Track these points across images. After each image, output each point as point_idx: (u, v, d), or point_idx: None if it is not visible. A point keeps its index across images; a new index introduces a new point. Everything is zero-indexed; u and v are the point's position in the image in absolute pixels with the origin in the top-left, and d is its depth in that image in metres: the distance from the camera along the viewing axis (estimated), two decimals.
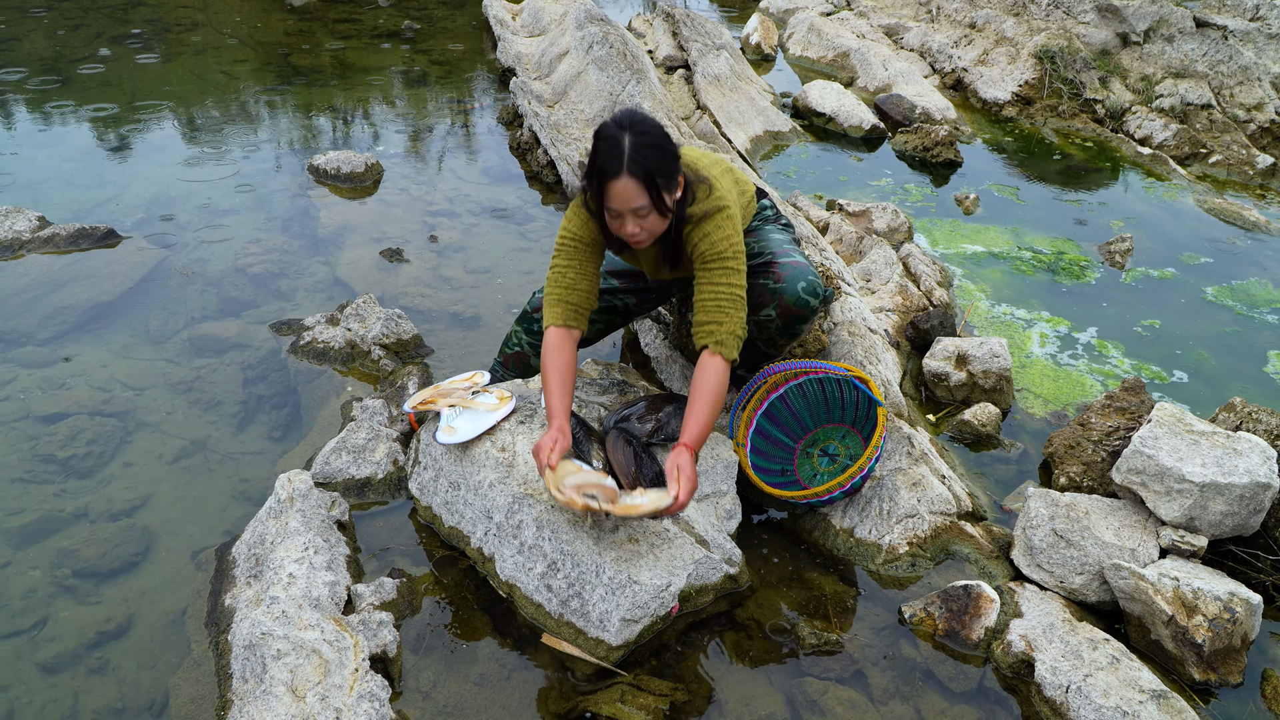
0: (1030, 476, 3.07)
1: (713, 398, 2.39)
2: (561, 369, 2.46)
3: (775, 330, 2.71)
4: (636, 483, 2.43)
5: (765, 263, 2.70)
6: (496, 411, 2.62)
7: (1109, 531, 2.55)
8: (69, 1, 8.00)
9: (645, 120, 2.31)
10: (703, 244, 2.44)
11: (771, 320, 2.68)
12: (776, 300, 2.65)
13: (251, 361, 3.41)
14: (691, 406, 2.39)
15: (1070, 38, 6.86)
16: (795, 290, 2.64)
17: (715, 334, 2.41)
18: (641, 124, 2.29)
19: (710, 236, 2.43)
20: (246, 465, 2.92)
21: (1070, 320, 3.97)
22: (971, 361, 3.39)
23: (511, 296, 3.92)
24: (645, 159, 2.26)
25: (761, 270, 2.69)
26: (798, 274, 2.65)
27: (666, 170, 2.31)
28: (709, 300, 2.43)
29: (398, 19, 8.01)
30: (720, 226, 2.44)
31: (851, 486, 2.64)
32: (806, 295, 2.65)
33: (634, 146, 2.25)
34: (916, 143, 5.77)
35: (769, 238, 2.79)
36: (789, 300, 2.65)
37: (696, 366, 2.44)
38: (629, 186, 2.28)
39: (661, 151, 2.29)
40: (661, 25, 6.91)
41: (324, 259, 4.15)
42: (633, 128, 2.28)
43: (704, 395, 2.39)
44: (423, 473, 2.70)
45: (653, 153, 2.28)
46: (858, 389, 2.79)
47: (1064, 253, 4.57)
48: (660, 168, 2.29)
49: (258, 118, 5.85)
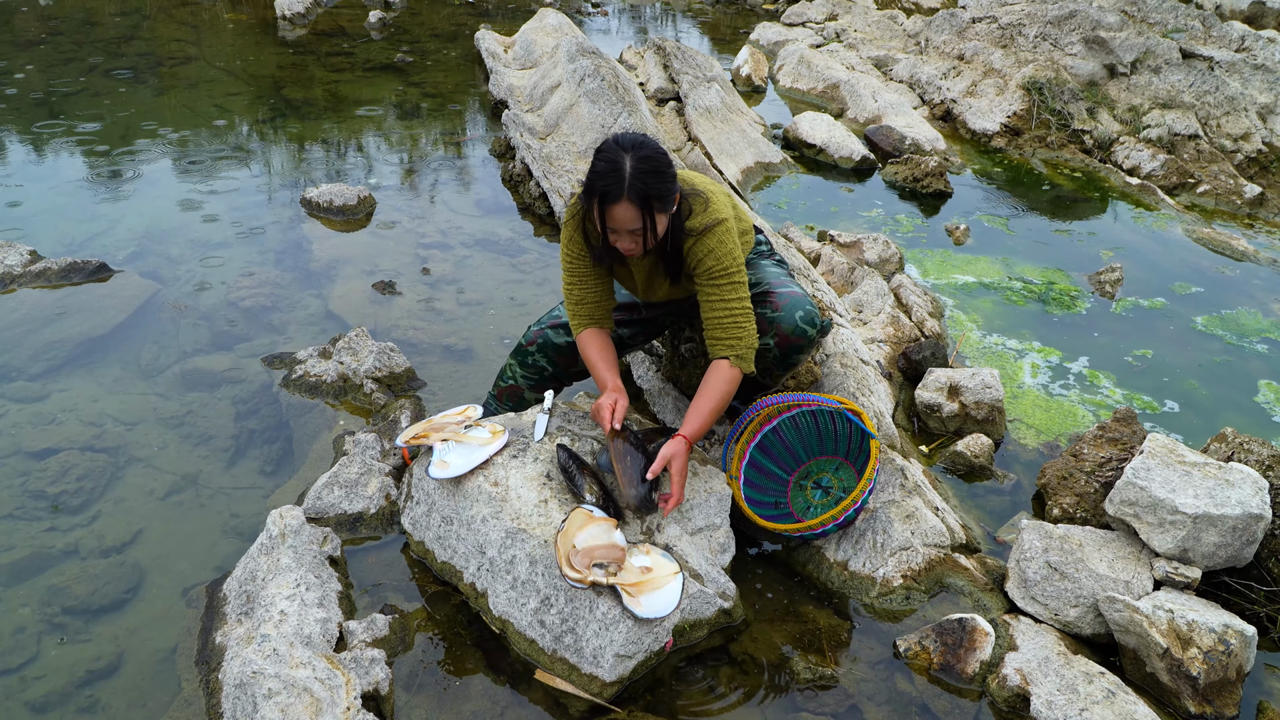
0: (1023, 508, 3.08)
1: (720, 397, 2.49)
2: (600, 346, 2.64)
3: (773, 360, 2.73)
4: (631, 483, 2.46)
5: (763, 292, 2.73)
6: (489, 445, 2.63)
7: (1103, 563, 2.56)
8: (62, 35, 8.06)
9: (646, 144, 2.36)
10: (708, 259, 2.49)
11: (769, 350, 2.70)
12: (774, 329, 2.67)
13: (243, 395, 3.41)
14: (696, 401, 2.49)
15: (1058, 69, 6.96)
16: (793, 319, 2.67)
17: (736, 348, 2.51)
18: (642, 147, 2.34)
19: (715, 252, 2.48)
20: (238, 501, 2.91)
21: (1061, 350, 4.00)
22: (964, 392, 3.42)
23: (504, 329, 3.94)
24: (645, 184, 2.32)
25: (759, 299, 2.72)
26: (795, 303, 2.68)
27: (664, 193, 2.36)
28: (723, 316, 2.51)
29: (390, 52, 8.09)
30: (722, 241, 2.49)
31: (845, 519, 2.65)
32: (804, 324, 2.68)
33: (634, 172, 2.31)
34: (907, 173, 5.82)
35: (766, 270, 2.83)
36: (787, 329, 2.67)
37: (710, 369, 2.53)
38: (628, 211, 2.34)
39: (661, 176, 2.35)
40: (653, 58, 6.99)
41: (316, 292, 4.17)
42: (635, 150, 2.33)
43: (711, 394, 2.49)
44: (415, 508, 2.70)
45: (653, 178, 2.33)
46: (850, 421, 2.81)
47: (1054, 283, 4.61)
48: (659, 192, 2.35)
49: (250, 151, 5.89)
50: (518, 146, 5.56)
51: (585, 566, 2.28)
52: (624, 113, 5.46)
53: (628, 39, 9.65)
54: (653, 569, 2.35)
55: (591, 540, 2.33)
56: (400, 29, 8.91)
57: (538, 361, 2.95)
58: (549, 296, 4.21)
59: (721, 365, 2.52)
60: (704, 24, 10.55)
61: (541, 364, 2.95)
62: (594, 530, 2.34)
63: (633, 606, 2.25)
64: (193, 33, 8.50)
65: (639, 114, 5.53)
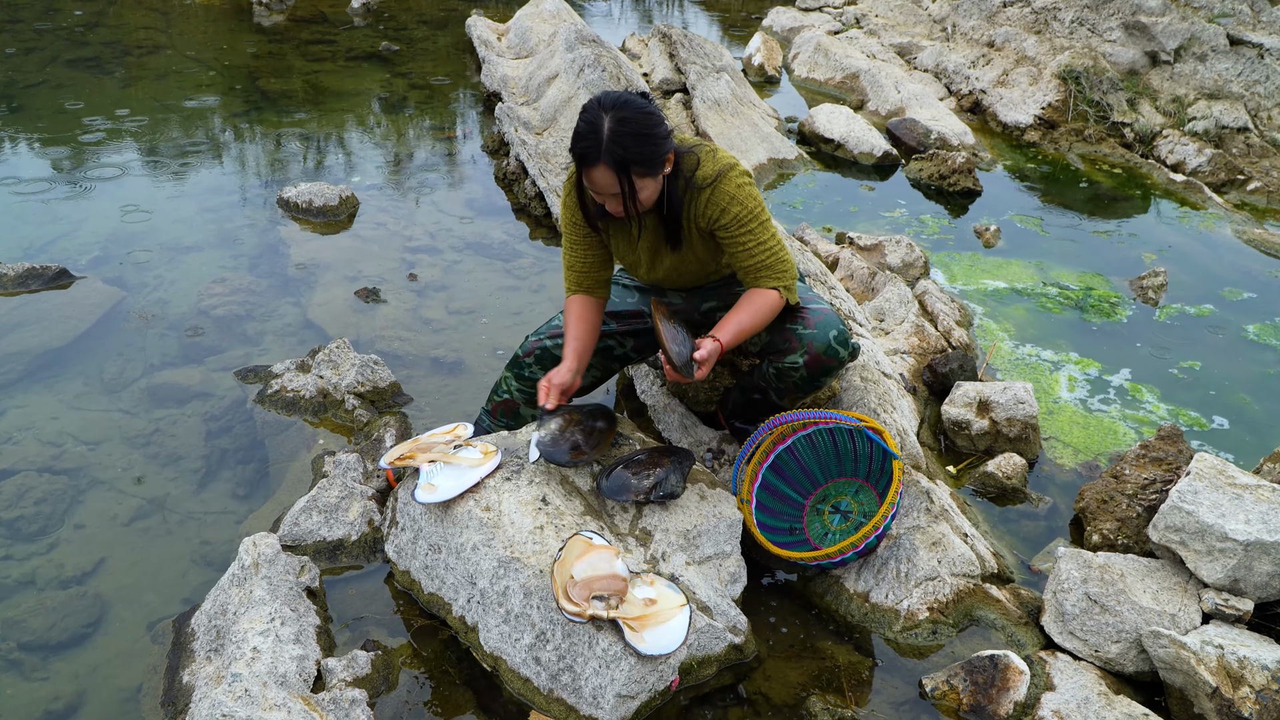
0: (1060, 534, 3.08)
1: (760, 313, 2.60)
2: (578, 314, 2.77)
3: (798, 379, 2.74)
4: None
5: (792, 307, 2.74)
6: (480, 467, 2.63)
7: (1146, 595, 2.55)
8: (21, 23, 8.11)
9: (630, 104, 2.39)
10: (732, 207, 2.54)
11: (796, 369, 2.71)
12: (805, 347, 2.69)
13: (215, 412, 3.41)
14: (735, 311, 2.58)
15: (1096, 57, 6.97)
16: (827, 338, 2.68)
17: (783, 279, 2.61)
18: (624, 107, 2.38)
19: (736, 198, 2.53)
20: (208, 527, 2.91)
21: (1101, 362, 3.99)
22: (994, 408, 3.41)
23: (498, 339, 3.94)
24: (623, 147, 2.36)
25: (789, 314, 2.73)
26: (830, 322, 2.70)
27: (646, 157, 2.40)
28: (765, 256, 2.58)
29: (374, 40, 8.12)
30: (740, 186, 2.54)
31: (866, 546, 2.65)
32: (838, 345, 2.70)
33: (612, 134, 2.36)
34: (932, 170, 5.83)
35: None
36: (819, 348, 2.68)
37: (751, 291, 2.62)
38: (604, 175, 2.40)
39: (644, 138, 2.38)
40: (657, 46, 7.01)
41: (294, 300, 4.18)
42: (615, 111, 2.37)
43: (751, 308, 2.59)
44: (400, 534, 2.70)
45: (633, 141, 2.36)
46: (871, 440, 2.80)
47: (1093, 288, 4.61)
48: (640, 156, 2.38)
49: (223, 147, 5.91)
50: (512, 142, 5.58)
51: (584, 599, 2.27)
52: None
53: (631, 26, 9.68)
54: (657, 601, 2.34)
55: (591, 570, 2.32)
56: (385, 15, 8.96)
57: (535, 375, 2.96)
58: (546, 304, 4.21)
59: (769, 292, 2.61)
60: (713, 9, 10.58)
61: (539, 377, 2.95)
62: (594, 559, 2.33)
63: (635, 642, 2.25)
64: (162, 20, 8.54)
65: None
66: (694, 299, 2.92)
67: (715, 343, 2.53)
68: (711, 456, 3.14)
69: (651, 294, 2.98)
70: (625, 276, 3.05)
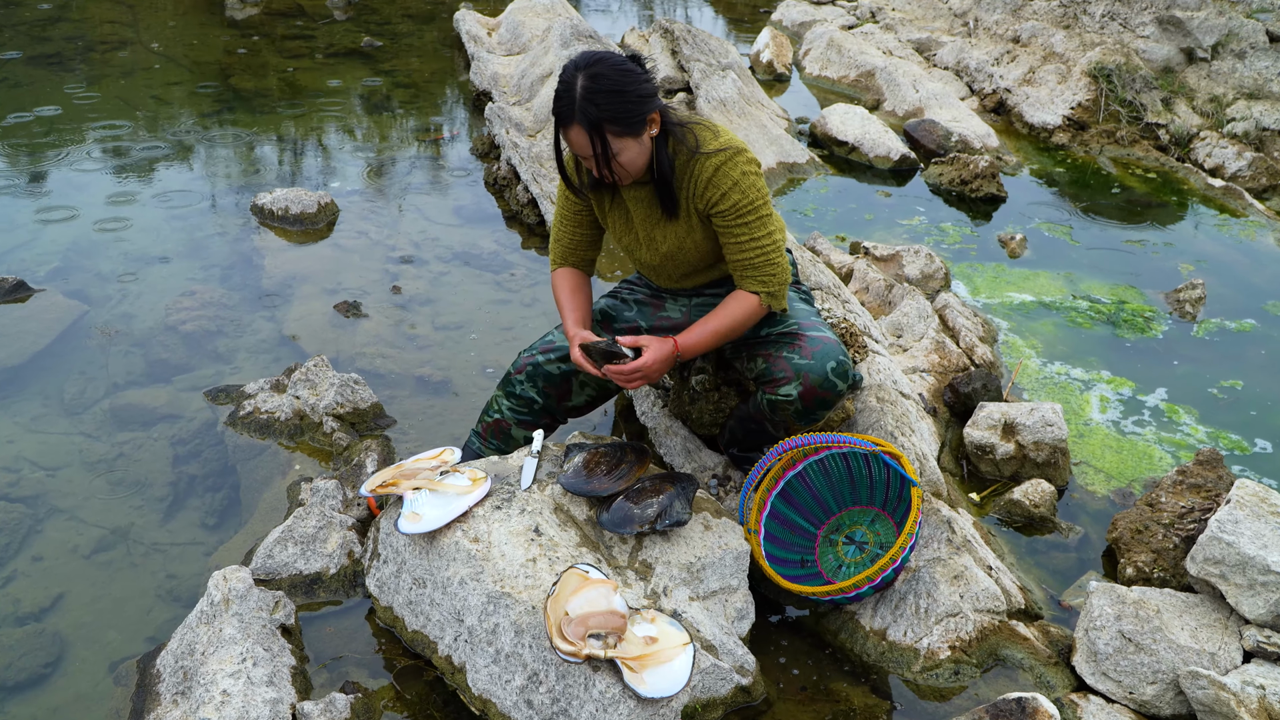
0: (1092, 566, 3.08)
1: (733, 321, 2.68)
2: (573, 290, 2.85)
3: (793, 413, 2.74)
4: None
5: (789, 333, 2.74)
6: (469, 495, 2.63)
7: (1184, 632, 2.56)
8: None
9: (605, 60, 2.47)
10: (733, 193, 2.58)
11: (790, 401, 2.70)
12: (800, 379, 2.69)
13: (183, 436, 3.42)
14: (705, 318, 2.70)
15: (1128, 53, 7.01)
16: (824, 370, 2.68)
17: (769, 284, 2.67)
18: (598, 64, 2.46)
19: (740, 185, 2.57)
20: (175, 559, 2.92)
21: (1135, 381, 4.01)
22: (1021, 431, 3.42)
23: (487, 357, 3.95)
24: (596, 106, 2.44)
25: (786, 342, 2.74)
26: (828, 352, 2.69)
27: (621, 114, 2.46)
28: (755, 256, 2.65)
29: (356, 35, 8.17)
30: (745, 173, 2.58)
31: (883, 580, 2.65)
32: (835, 377, 2.70)
33: (585, 92, 2.44)
34: (953, 175, 5.86)
35: (794, 305, 2.87)
36: (815, 380, 2.68)
37: (733, 294, 2.70)
38: (579, 135, 2.49)
39: (617, 95, 2.45)
40: (659, 43, 7.05)
41: (269, 314, 4.19)
42: (588, 69, 2.45)
43: (725, 315, 2.68)
44: (382, 567, 2.70)
45: (605, 99, 2.43)
46: (888, 465, 2.81)
47: (1126, 302, 4.62)
48: (615, 114, 2.45)
49: (193, 150, 5.94)
50: (503, 145, 5.61)
51: (580, 637, 2.28)
52: None
53: (630, 20, 9.74)
54: (658, 639, 2.35)
55: (587, 606, 2.33)
56: (368, 8, 9.01)
57: (527, 392, 2.97)
58: (539, 319, 4.23)
59: (749, 297, 2.68)
60: (719, 3, 10.65)
61: (531, 395, 2.96)
62: (590, 594, 2.34)
63: (635, 684, 2.25)
64: (128, 13, 8.60)
65: None
66: (694, 314, 2.93)
67: (669, 343, 2.64)
68: (716, 483, 3.14)
69: (652, 305, 2.99)
70: (625, 290, 3.06)
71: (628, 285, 3.08)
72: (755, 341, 2.81)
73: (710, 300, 2.92)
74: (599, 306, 3.03)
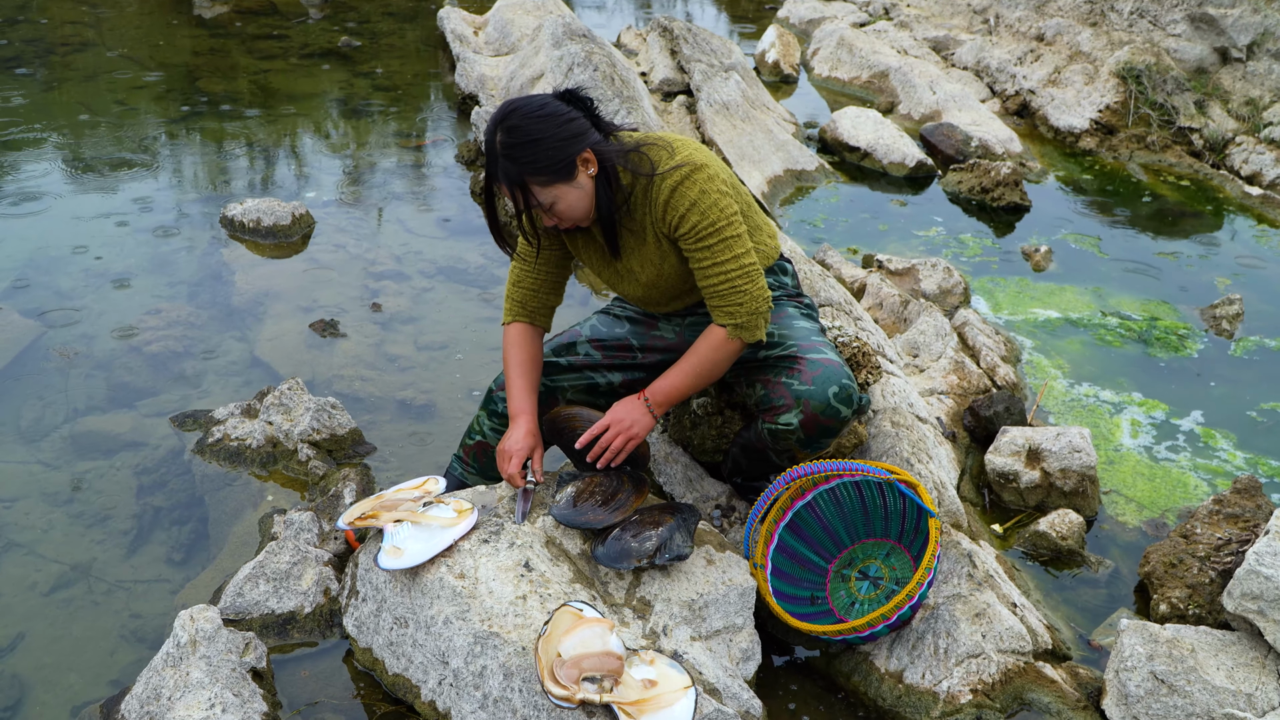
0: (1123, 603, 3.09)
1: (702, 363, 2.68)
2: (523, 362, 2.84)
3: (795, 442, 2.74)
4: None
5: (788, 356, 2.74)
6: (454, 528, 2.64)
7: (1220, 673, 2.56)
8: None
9: (519, 110, 2.50)
10: (691, 215, 2.57)
11: (791, 430, 2.71)
12: (801, 406, 2.68)
13: (147, 465, 3.43)
14: (676, 364, 2.71)
15: (1159, 53, 7.06)
16: (825, 396, 2.67)
17: (736, 316, 2.64)
18: (512, 115, 2.49)
19: (698, 205, 2.56)
20: (139, 598, 2.92)
21: (1168, 403, 4.02)
22: (1046, 457, 3.43)
23: (474, 378, 3.97)
24: (515, 161, 2.49)
25: (784, 366, 2.74)
26: (829, 376, 2.69)
27: (546, 164, 2.50)
28: (719, 284, 2.63)
29: (333, 34, 8.22)
30: (705, 191, 2.57)
31: (899, 618, 2.66)
32: (838, 403, 2.68)
33: (502, 148, 2.49)
34: (973, 182, 5.89)
35: (793, 324, 2.84)
36: (816, 407, 2.67)
37: (704, 333, 2.69)
38: (507, 192, 2.54)
39: (534, 146, 2.48)
40: (657, 42, 7.10)
41: (240, 334, 4.21)
42: (503, 123, 2.49)
43: (694, 358, 2.68)
44: (361, 606, 2.71)
45: (523, 151, 2.48)
46: (904, 495, 2.82)
47: (1158, 319, 4.64)
48: (537, 165, 2.49)
49: (159, 158, 5.97)
50: None
51: (573, 680, 2.28)
52: (622, 110, 5.55)
53: (627, 18, 9.80)
54: (658, 683, 2.35)
55: (581, 647, 2.33)
56: (345, 6, 9.07)
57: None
58: None
59: (716, 331, 2.67)
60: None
61: None
62: (584, 634, 2.35)
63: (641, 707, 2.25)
64: (90, 13, 8.65)
65: (640, 111, 5.62)
66: (687, 334, 2.94)
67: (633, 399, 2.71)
68: (720, 514, 3.15)
69: (644, 324, 3.00)
70: (617, 306, 3.07)
71: (619, 301, 3.09)
72: (753, 364, 2.81)
73: (705, 319, 2.91)
74: (590, 323, 3.03)
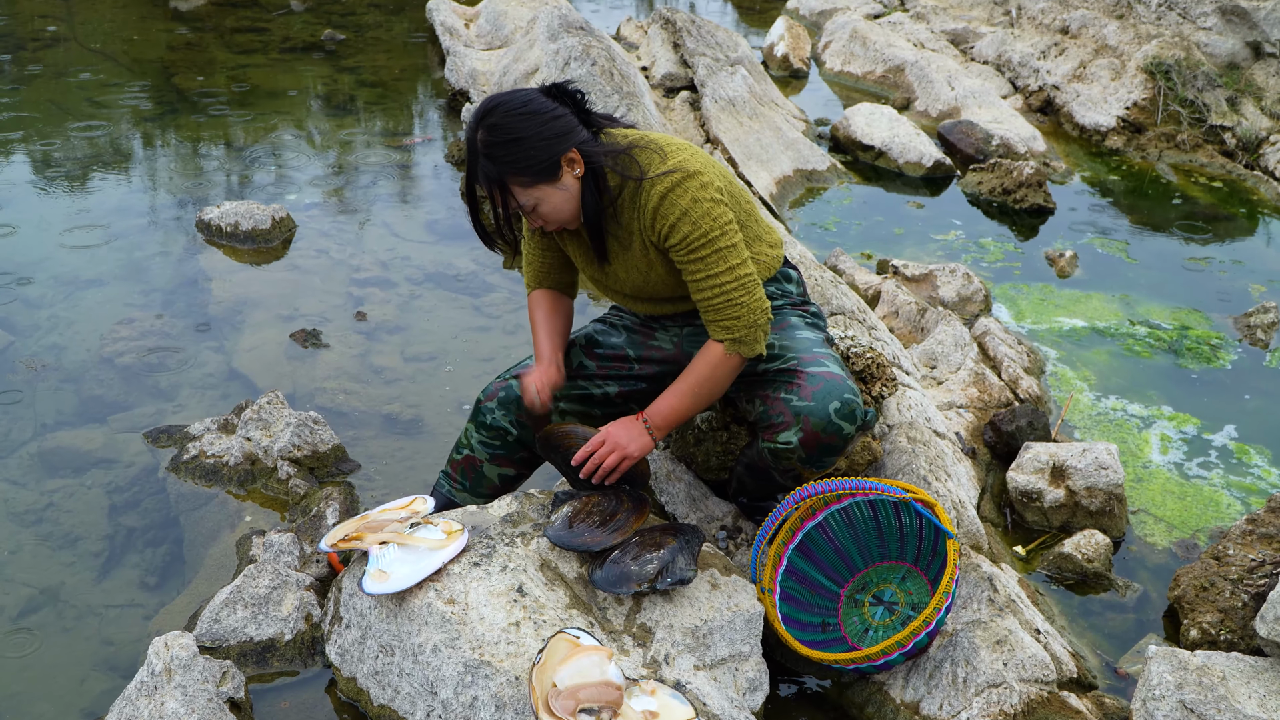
0: (1152, 628, 3.09)
1: (701, 381, 2.68)
2: (550, 312, 2.94)
3: (797, 461, 2.73)
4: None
5: (788, 370, 2.74)
6: (443, 550, 2.64)
7: (1252, 701, 2.57)
8: None
9: (502, 106, 2.53)
10: (682, 226, 2.58)
11: (791, 449, 2.70)
12: (800, 423, 2.68)
13: (120, 483, 3.44)
14: (674, 384, 2.72)
15: (1188, 47, 7.08)
16: (826, 412, 2.67)
17: (733, 330, 2.64)
18: (494, 112, 2.53)
19: (689, 215, 2.57)
20: (112, 623, 2.93)
21: (1200, 417, 4.03)
22: (1071, 475, 3.44)
23: (464, 391, 3.98)
24: (495, 161, 2.52)
25: (784, 380, 2.73)
26: (831, 390, 2.68)
27: (528, 164, 2.53)
28: (713, 297, 2.64)
29: (316, 27, 8.24)
30: (696, 200, 2.57)
31: (915, 646, 2.66)
32: (840, 420, 2.68)
33: (483, 147, 2.53)
34: (994, 183, 5.90)
35: (795, 335, 2.83)
36: (817, 424, 2.67)
37: (701, 350, 2.70)
38: (486, 193, 2.58)
39: (516, 145, 2.51)
40: (659, 35, 7.13)
41: (216, 345, 4.21)
42: (484, 120, 2.53)
43: (692, 376, 2.69)
44: (344, 633, 2.71)
45: (504, 150, 2.51)
46: (920, 515, 2.82)
47: (1189, 328, 4.65)
48: (518, 165, 2.52)
49: (132, 158, 5.98)
50: None
51: (570, 712, 2.29)
52: (621, 106, 5.57)
53: (627, 10, 9.83)
54: (659, 714, 2.36)
55: (578, 676, 2.33)
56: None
57: (499, 422, 2.98)
58: (523, 349, 4.25)
59: (714, 347, 2.67)
60: None
61: (504, 425, 2.98)
62: (581, 663, 2.35)
63: None
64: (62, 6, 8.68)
65: (641, 108, 5.64)
66: (686, 344, 2.94)
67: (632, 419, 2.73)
68: (725, 535, 3.16)
69: (642, 333, 3.00)
70: (614, 314, 3.08)
71: (617, 310, 3.11)
72: (753, 378, 2.81)
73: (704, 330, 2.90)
74: (585, 331, 3.04)
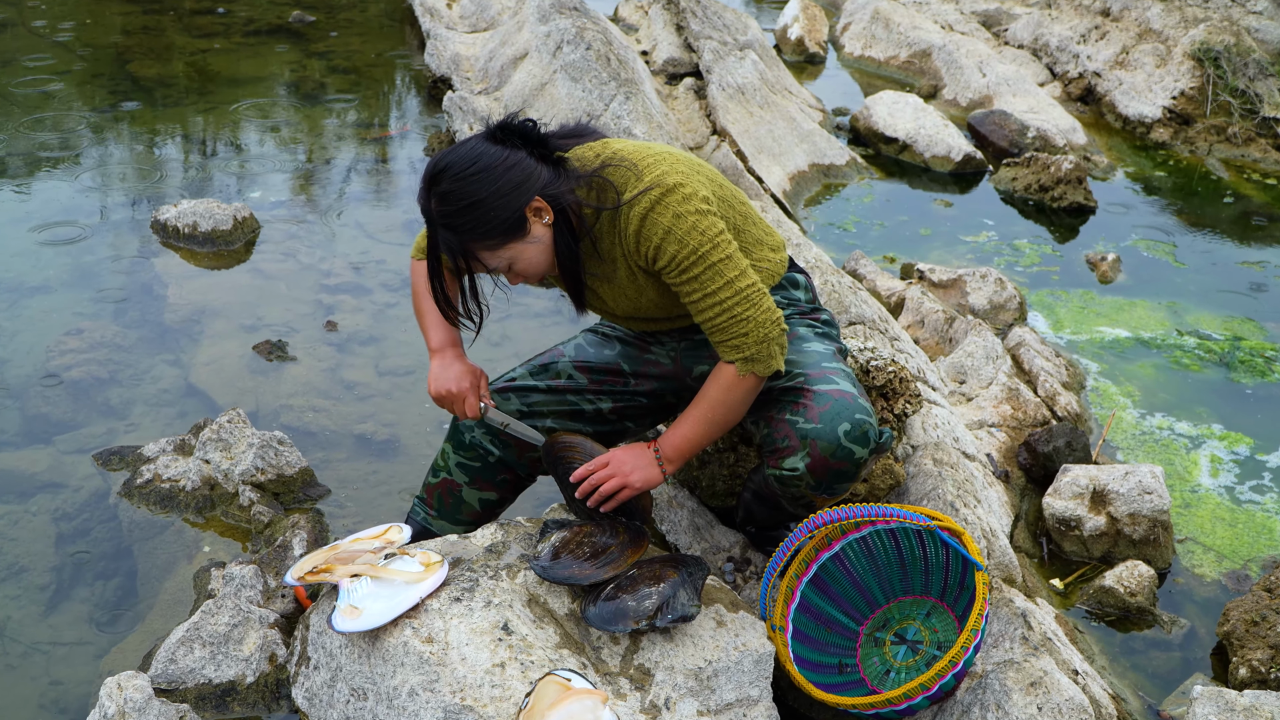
0: (1199, 667, 3.09)
1: (715, 405, 2.67)
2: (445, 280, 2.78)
3: (806, 488, 2.72)
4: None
5: (794, 389, 2.72)
6: (420, 584, 2.64)
7: None
8: None
9: (450, 169, 2.50)
10: (668, 246, 2.55)
11: (798, 476, 2.69)
12: (807, 448, 2.66)
13: (68, 509, 3.44)
14: (685, 412, 2.72)
15: (1238, 32, 7.09)
16: (835, 435, 2.65)
17: (743, 349, 2.60)
18: (442, 176, 2.50)
19: (673, 233, 2.54)
20: (60, 662, 2.93)
21: (1254, 437, 4.03)
22: (1113, 500, 3.44)
23: (443, 410, 3.97)
24: (458, 231, 2.51)
25: (789, 400, 2.72)
26: (840, 411, 2.66)
27: (488, 227, 2.51)
28: (716, 316, 2.61)
29: (283, 8, 8.25)
30: (679, 216, 2.54)
31: (941, 689, 2.66)
32: (851, 443, 2.66)
33: (440, 218, 2.51)
34: (1030, 179, 5.91)
35: (802, 349, 2.81)
36: (825, 449, 2.65)
37: (713, 372, 2.68)
38: (452, 265, 2.59)
39: (474, 209, 2.49)
40: (661, 16, 7.14)
41: (173, 357, 4.22)
42: (434, 188, 2.50)
43: (704, 403, 2.68)
44: (312, 674, 2.72)
45: (463, 218, 2.50)
46: (947, 545, 2.83)
47: (1242, 338, 4.65)
48: (480, 231, 2.51)
49: (82, 153, 5.98)
50: None
51: None
52: (618, 95, 5.58)
53: None
54: None
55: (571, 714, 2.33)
56: None
57: (478, 440, 2.98)
58: (509, 361, 4.25)
59: (725, 370, 2.65)
60: None
61: (483, 444, 2.98)
62: (573, 708, 2.35)
63: None
64: None
65: (640, 97, 5.64)
66: (685, 359, 2.93)
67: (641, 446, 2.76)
68: (732, 567, 3.16)
69: (637, 346, 2.99)
70: (606, 325, 3.06)
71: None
72: (758, 397, 2.76)
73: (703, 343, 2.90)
74: (574, 343, 3.03)
